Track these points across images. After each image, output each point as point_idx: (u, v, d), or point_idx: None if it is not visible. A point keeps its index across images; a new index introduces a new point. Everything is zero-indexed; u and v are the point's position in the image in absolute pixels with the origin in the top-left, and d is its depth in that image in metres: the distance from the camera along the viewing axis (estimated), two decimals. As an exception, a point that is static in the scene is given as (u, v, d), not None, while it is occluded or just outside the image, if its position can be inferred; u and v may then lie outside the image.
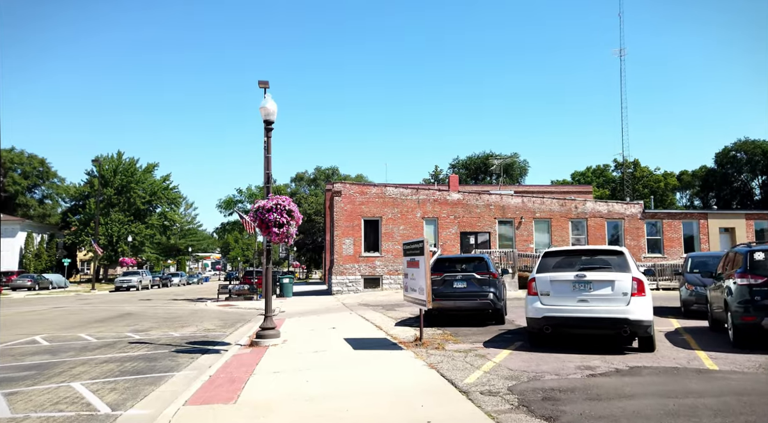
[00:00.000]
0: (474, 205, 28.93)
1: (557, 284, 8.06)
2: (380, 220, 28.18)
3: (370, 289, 27.57)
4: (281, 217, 9.75)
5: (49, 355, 9.57)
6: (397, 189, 28.59)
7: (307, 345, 9.83)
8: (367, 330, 11.73)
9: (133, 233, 57.27)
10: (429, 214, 28.58)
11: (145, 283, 44.05)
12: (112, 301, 26.55)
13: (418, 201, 28.58)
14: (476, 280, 11.58)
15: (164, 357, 9.36)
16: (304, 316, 16.57)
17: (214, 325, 14.65)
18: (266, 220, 9.72)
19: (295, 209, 9.95)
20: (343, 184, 28.10)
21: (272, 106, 10.53)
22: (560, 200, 29.61)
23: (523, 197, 29.56)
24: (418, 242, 8.99)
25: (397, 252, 27.92)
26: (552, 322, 7.94)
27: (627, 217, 29.49)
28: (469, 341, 9.39)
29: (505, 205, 29.05)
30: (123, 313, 18.88)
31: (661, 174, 69.57)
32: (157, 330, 13.52)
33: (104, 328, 14.07)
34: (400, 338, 9.96)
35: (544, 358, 7.48)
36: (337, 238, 27.76)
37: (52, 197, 69.27)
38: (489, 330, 11.02)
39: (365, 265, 27.72)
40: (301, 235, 71.93)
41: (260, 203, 9.89)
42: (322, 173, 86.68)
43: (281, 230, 9.79)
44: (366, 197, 28.15)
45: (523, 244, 28.65)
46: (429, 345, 8.89)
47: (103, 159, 59.39)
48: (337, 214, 27.78)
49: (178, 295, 32.89)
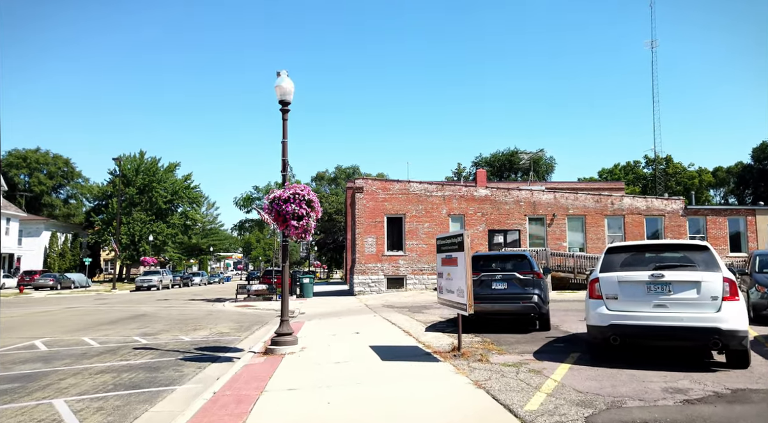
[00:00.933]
0: (503, 202, 27.44)
1: (627, 286, 6.70)
2: (404, 218, 26.94)
3: (394, 290, 26.35)
4: (299, 208, 8.60)
5: (42, 364, 8.60)
6: (421, 185, 27.31)
7: (327, 353, 8.65)
8: (394, 336, 10.50)
9: (155, 232, 57.22)
10: (455, 210, 27.22)
11: (166, 282, 43.66)
12: (130, 301, 25.92)
13: (444, 197, 27.24)
14: (518, 280, 10.23)
15: (168, 366, 8.30)
16: (325, 318, 15.44)
17: (229, 328, 13.62)
18: (283, 212, 8.58)
19: (314, 200, 8.80)
20: (365, 180, 26.95)
21: (288, 85, 9.39)
22: (595, 196, 27.89)
23: (555, 193, 27.94)
24: (456, 236, 7.72)
25: (422, 251, 26.66)
26: (621, 331, 6.58)
27: (667, 213, 27.61)
28: (515, 352, 8.08)
29: (536, 202, 27.48)
30: (137, 314, 18.06)
31: (695, 170, 66.57)
32: (167, 333, 12.54)
33: (112, 330, 13.17)
34: (435, 347, 8.70)
35: (616, 376, 6.14)
36: (358, 237, 26.63)
37: (77, 197, 69.99)
38: (534, 337, 9.68)
39: (388, 264, 26.51)
40: (322, 235, 71.20)
41: (276, 193, 8.75)
42: (342, 172, 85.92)
43: (300, 223, 8.64)
44: (389, 194, 26.95)
45: (555, 242, 27.05)
46: (470, 356, 7.61)
47: (125, 158, 59.55)
48: (359, 212, 26.64)
49: (197, 295, 32.22)
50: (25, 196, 64.13)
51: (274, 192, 8.79)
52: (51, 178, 67.71)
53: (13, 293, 35.28)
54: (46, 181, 66.61)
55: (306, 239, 9.27)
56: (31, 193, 65.19)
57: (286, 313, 9.24)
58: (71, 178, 70.88)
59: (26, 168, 65.69)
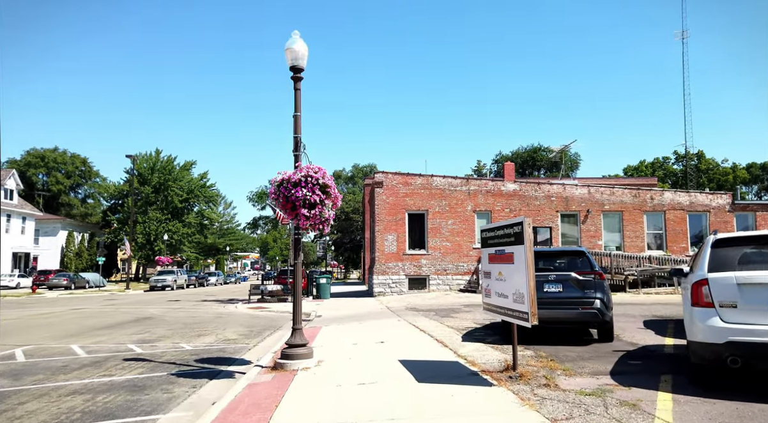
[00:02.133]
0: (532, 197, 25.62)
1: (752, 291, 5.01)
2: (426, 214, 25.32)
3: (416, 291, 24.75)
4: (312, 194, 7.08)
5: (10, 380, 7.23)
6: (445, 179, 25.64)
7: (349, 370, 7.12)
8: (427, 347, 8.91)
9: (171, 232, 56.53)
10: (481, 206, 25.49)
11: (180, 282, 42.77)
12: (140, 302, 24.80)
13: (469, 192, 25.54)
14: (575, 281, 8.53)
15: (157, 384, 6.86)
16: (344, 322, 13.93)
17: (237, 334, 12.18)
18: (292, 198, 7.07)
19: (331, 184, 7.27)
20: (384, 175, 25.40)
21: (301, 48, 7.87)
22: (633, 190, 25.89)
23: (590, 187, 26.01)
24: (512, 225, 6.10)
25: (446, 249, 25.00)
26: (745, 350, 4.90)
27: (713, 209, 25.47)
28: (586, 372, 6.42)
29: (569, 197, 25.60)
30: (142, 316, 16.79)
31: (729, 166, 63.49)
32: (167, 340, 11.15)
33: (108, 336, 11.83)
34: (480, 363, 7.09)
35: (746, 414, 4.46)
36: (378, 234, 25.08)
37: (94, 196, 69.82)
38: (598, 351, 8.00)
39: (410, 264, 24.92)
40: (339, 234, 69.88)
41: (284, 175, 7.25)
42: (359, 171, 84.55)
43: (312, 212, 7.12)
44: (410, 188, 25.35)
45: (589, 240, 25.14)
46: (530, 378, 5.98)
47: (141, 157, 59.03)
48: (379, 208, 25.10)
49: (211, 295, 31.06)
50: (42, 195, 64.15)
51: (283, 174, 7.28)
52: (69, 177, 67.65)
53: (25, 293, 34.61)
54: (63, 180, 66.53)
55: (323, 231, 7.73)
56: (48, 192, 65.17)
57: (298, 320, 7.72)
58: (89, 177, 70.80)
59: (44, 167, 65.71)
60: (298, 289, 7.76)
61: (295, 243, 7.94)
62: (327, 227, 7.68)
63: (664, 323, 11.49)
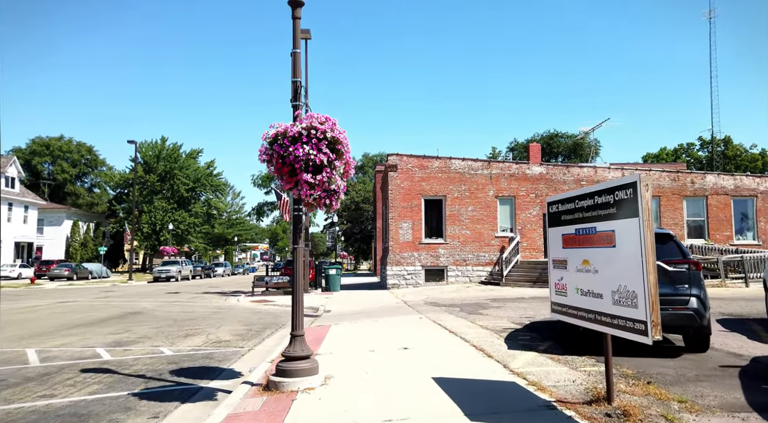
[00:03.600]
0: (560, 181, 23.50)
1: None
2: (444, 200, 23.33)
3: (433, 283, 22.84)
4: (318, 152, 5.14)
5: None
6: (464, 162, 23.59)
7: (366, 393, 5.23)
8: (465, 356, 6.99)
9: (177, 221, 55.11)
10: (504, 191, 23.43)
11: (185, 273, 41.24)
12: (137, 294, 23.17)
13: (491, 176, 23.47)
14: (663, 273, 6.52)
15: (108, 410, 5.03)
16: (357, 319, 12.07)
17: (232, 334, 10.37)
18: (290, 158, 5.14)
19: (343, 139, 5.32)
20: (399, 157, 23.40)
21: (301, -37, 5.90)
22: (671, 173, 23.65)
23: (624, 169, 23.81)
24: (615, 189, 4.13)
25: (465, 238, 23.02)
26: None
27: (760, 193, 23.17)
28: (714, 405, 4.46)
29: (601, 181, 23.39)
30: (130, 311, 15.07)
31: (758, 152, 60.51)
32: (147, 342, 9.35)
33: (80, 337, 10.07)
34: (549, 387, 5.15)
35: None
36: (392, 222, 23.15)
37: (100, 185, 68.64)
38: (698, 365, 6.03)
39: (426, 253, 22.99)
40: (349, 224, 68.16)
41: (279, 128, 5.31)
42: (369, 160, 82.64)
43: (318, 178, 5.18)
44: (427, 172, 23.35)
45: (622, 228, 22.97)
46: (641, 418, 4.02)
47: (146, 145, 57.55)
48: (393, 193, 23.14)
49: (214, 287, 29.42)
50: (48, 184, 63.03)
51: (277, 126, 5.34)
52: (74, 166, 66.40)
53: (24, 284, 33.27)
54: (69, 169, 65.30)
55: (330, 207, 5.80)
56: (54, 181, 64.03)
57: (299, 324, 5.83)
58: (95, 166, 69.54)
59: (49, 156, 64.51)
60: (298, 283, 5.85)
61: (295, 221, 6.02)
62: (336, 202, 5.76)
63: (745, 324, 9.46)
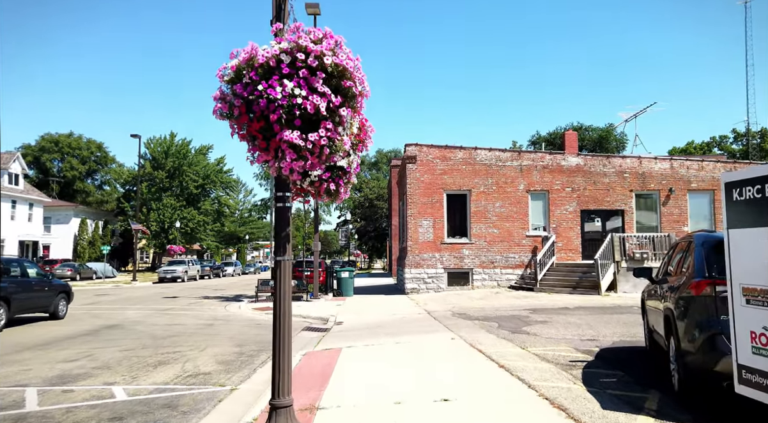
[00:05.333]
0: (600, 173, 20.96)
1: None
2: (468, 195, 20.97)
3: (457, 288, 20.51)
4: (310, 92, 2.86)
5: None
6: (491, 152, 21.18)
7: None
8: (537, 420, 4.66)
9: (185, 219, 53.51)
10: (536, 185, 20.98)
11: (192, 273, 39.45)
12: (130, 299, 21.23)
13: (521, 168, 21.03)
14: None
15: None
16: (373, 337, 9.83)
17: (217, 361, 8.18)
18: (259, 103, 2.87)
19: (355, 71, 3.03)
20: (418, 147, 21.07)
21: None
22: (727, 163, 20.96)
23: (672, 160, 21.17)
24: None
25: (492, 237, 20.63)
26: None
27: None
28: None
29: (646, 173, 20.84)
30: (109, 324, 13.00)
31: (798, 145, 56.75)
32: (103, 375, 7.20)
33: (22, 365, 7.96)
34: None
35: None
36: (410, 219, 20.85)
37: (110, 183, 67.46)
38: None
39: (449, 254, 20.66)
40: (363, 222, 66.06)
41: (247, 52, 3.01)
42: (383, 156, 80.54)
43: (312, 138, 2.91)
44: (449, 164, 20.99)
45: (672, 225, 20.40)
46: None
47: (155, 141, 56.08)
48: (412, 187, 20.83)
49: (219, 289, 27.43)
50: (57, 181, 61.94)
51: (244, 51, 3.05)
52: (83, 163, 65.23)
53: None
54: (78, 166, 64.15)
55: (337, 194, 3.61)
56: (63, 178, 62.93)
57: (283, 387, 3.60)
58: (105, 163, 68.36)
59: (58, 153, 63.43)
60: (283, 316, 3.61)
61: (278, 217, 3.75)
62: (346, 187, 3.57)
63: None
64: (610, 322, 11.10)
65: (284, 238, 3.72)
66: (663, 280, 6.23)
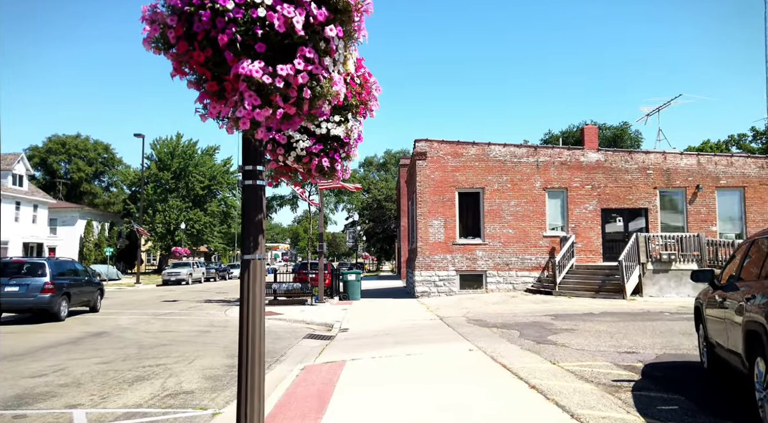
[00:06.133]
0: (622, 169, 19.77)
1: None
2: (482, 193, 19.87)
3: (470, 291, 19.41)
4: (278, 1, 1.82)
5: None
6: (505, 148, 20.08)
7: None
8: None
9: (191, 221, 52.86)
10: (553, 182, 19.84)
11: (197, 276, 38.73)
12: (126, 303, 20.37)
13: (538, 165, 19.91)
14: None
15: None
16: (381, 348, 8.80)
17: (203, 377, 7.19)
18: (203, 16, 1.84)
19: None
20: (428, 143, 20.02)
21: None
22: (759, 160, 19.69)
23: (699, 155, 19.93)
24: None
25: (508, 237, 19.53)
26: None
27: None
28: None
29: (671, 169, 19.62)
30: (96, 331, 12.08)
31: (819, 143, 54.89)
32: (67, 396, 6.24)
33: (-15, 380, 7.03)
34: None
35: None
36: (420, 219, 19.80)
37: (117, 184, 67.08)
38: None
39: (461, 256, 19.57)
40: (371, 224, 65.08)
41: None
42: (392, 157, 79.71)
43: (283, 71, 1.86)
44: (461, 161, 19.92)
45: (699, 225, 19.15)
46: None
47: (161, 142, 55.56)
48: (421, 185, 19.78)
49: (223, 292, 26.55)
50: (65, 183, 61.66)
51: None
52: (90, 164, 64.92)
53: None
54: (85, 167, 63.84)
55: (334, 172, 2.63)
56: (70, 180, 62.65)
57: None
58: (112, 165, 68.01)
59: (65, 154, 63.15)
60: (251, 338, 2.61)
61: (246, 199, 2.72)
62: (345, 164, 2.62)
63: None
64: (644, 330, 9.98)
65: (255, 228, 2.71)
66: (731, 285, 5.13)
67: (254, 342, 2.70)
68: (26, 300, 12.68)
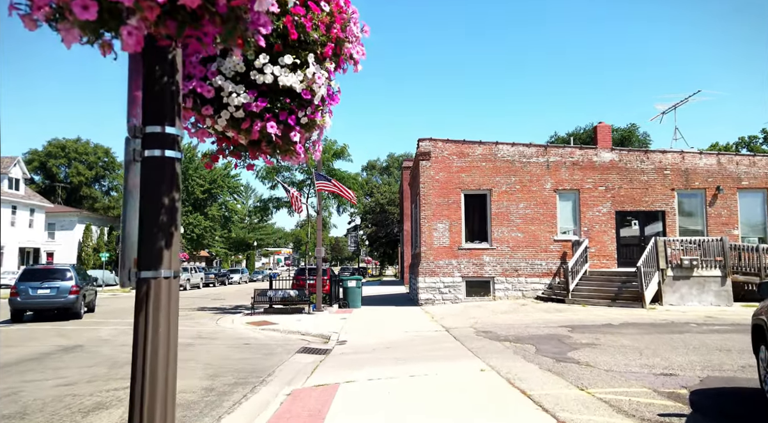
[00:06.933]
0: (637, 170, 18.73)
1: None
2: (489, 195, 18.87)
3: (477, 298, 18.37)
4: None
5: None
6: (514, 147, 19.08)
7: None
8: None
9: (192, 225, 52.04)
10: (565, 184, 18.81)
11: (195, 281, 37.81)
12: (116, 310, 19.41)
13: (548, 165, 18.89)
14: None
15: None
16: (380, 365, 7.78)
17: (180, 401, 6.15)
18: None
19: None
20: (433, 143, 19.05)
21: None
22: (783, 159, 18.62)
23: (720, 155, 18.87)
24: None
25: (516, 242, 18.50)
26: None
27: None
28: None
29: (690, 169, 18.56)
30: (71, 344, 11.12)
31: (833, 145, 53.64)
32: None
33: None
34: None
35: None
36: (424, 222, 18.79)
37: (117, 188, 66.37)
38: None
39: (467, 261, 18.55)
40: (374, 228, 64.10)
41: None
42: (395, 161, 78.81)
43: None
44: (467, 161, 18.93)
45: (719, 229, 18.06)
46: None
47: (161, 145, 54.80)
48: (425, 187, 18.79)
49: (220, 298, 25.57)
50: (62, 187, 61.01)
51: None
52: (90, 168, 64.25)
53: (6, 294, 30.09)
54: (85, 171, 63.18)
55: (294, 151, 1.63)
56: (70, 184, 62.00)
57: None
58: (112, 168, 67.32)
59: (65, 158, 62.53)
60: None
61: (147, 173, 1.69)
62: (310, 133, 1.56)
63: None
64: (674, 346, 8.93)
65: (160, 228, 1.65)
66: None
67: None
68: (57, 300, 15.17)
